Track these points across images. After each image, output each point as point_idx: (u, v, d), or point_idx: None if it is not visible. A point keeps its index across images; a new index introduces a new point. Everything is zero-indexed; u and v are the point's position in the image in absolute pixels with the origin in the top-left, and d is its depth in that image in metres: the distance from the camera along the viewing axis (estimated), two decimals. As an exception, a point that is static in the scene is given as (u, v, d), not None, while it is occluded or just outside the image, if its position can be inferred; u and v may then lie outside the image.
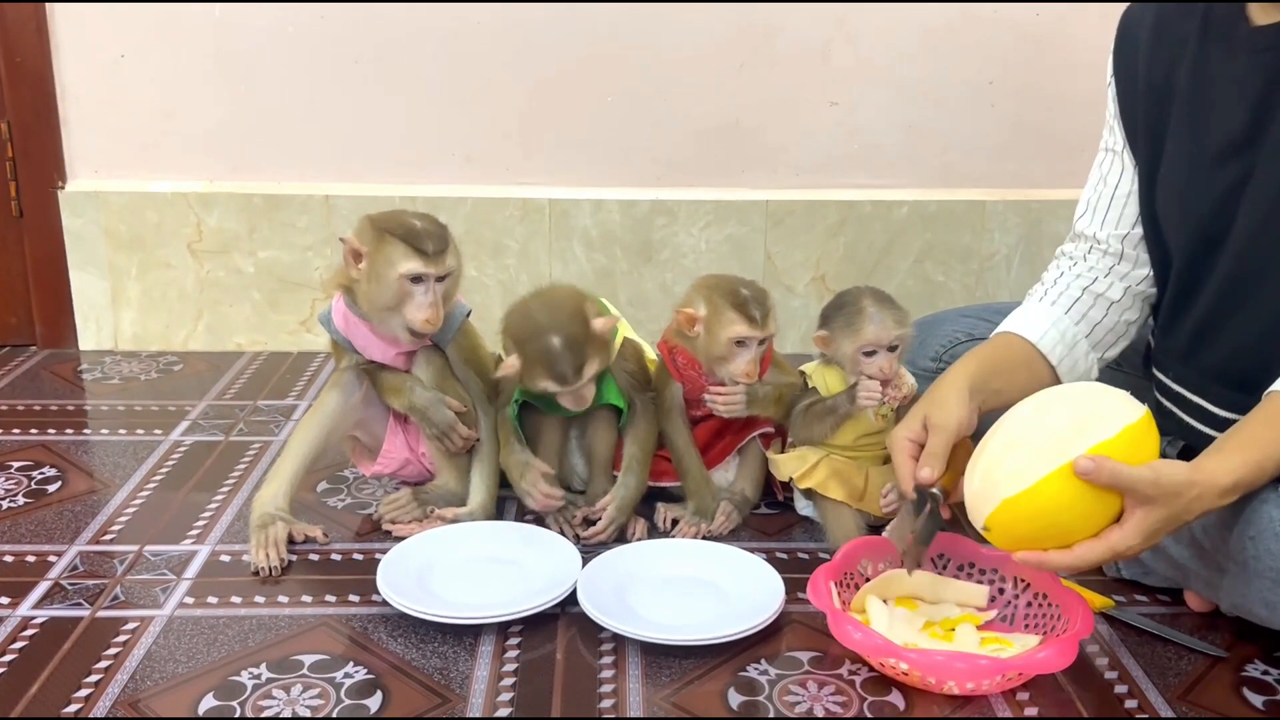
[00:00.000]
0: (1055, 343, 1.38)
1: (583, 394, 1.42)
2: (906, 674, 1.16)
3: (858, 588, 1.30)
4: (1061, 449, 1.09)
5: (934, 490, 1.22)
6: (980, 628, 1.26)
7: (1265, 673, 1.22)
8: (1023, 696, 1.17)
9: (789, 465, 1.47)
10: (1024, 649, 1.19)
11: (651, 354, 1.60)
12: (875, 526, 1.45)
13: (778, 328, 1.47)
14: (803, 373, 1.49)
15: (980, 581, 1.31)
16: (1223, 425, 1.21)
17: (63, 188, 2.11)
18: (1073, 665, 1.17)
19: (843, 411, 1.41)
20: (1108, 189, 1.44)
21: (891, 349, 1.39)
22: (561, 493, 1.49)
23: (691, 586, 1.35)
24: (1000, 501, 1.11)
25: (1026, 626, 1.26)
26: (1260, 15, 1.22)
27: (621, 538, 1.48)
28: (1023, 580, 1.29)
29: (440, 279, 1.41)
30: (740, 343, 1.43)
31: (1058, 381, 1.39)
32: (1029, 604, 1.27)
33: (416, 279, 1.39)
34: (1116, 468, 1.08)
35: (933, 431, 1.24)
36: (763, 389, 1.47)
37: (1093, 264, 1.44)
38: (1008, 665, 1.13)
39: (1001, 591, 1.30)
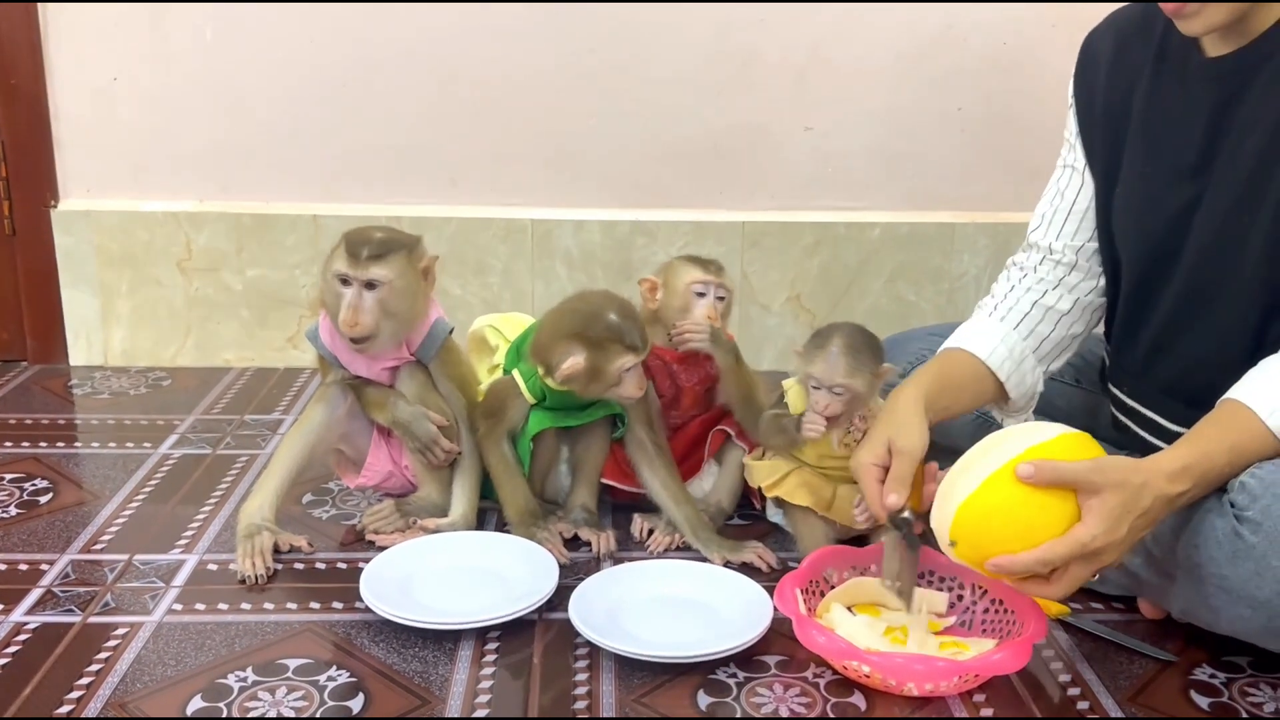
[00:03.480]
0: (1004, 359, 1.42)
1: (642, 373, 1.47)
2: (868, 676, 1.20)
3: (823, 594, 1.35)
4: (1004, 452, 1.14)
5: (905, 514, 1.26)
6: (940, 633, 1.31)
7: (1213, 676, 1.27)
8: (979, 698, 1.21)
9: (761, 473, 1.52)
10: (980, 652, 1.24)
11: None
12: (845, 539, 1.50)
13: (734, 290, 1.60)
14: (782, 386, 1.54)
15: (940, 589, 1.36)
16: (1176, 439, 1.26)
17: (55, 207, 2.15)
18: (1029, 669, 1.22)
19: (790, 436, 1.45)
20: (1064, 203, 1.49)
21: (837, 392, 1.41)
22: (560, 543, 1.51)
23: (678, 607, 1.37)
24: (956, 508, 1.15)
25: (984, 631, 1.31)
26: (1211, 47, 1.29)
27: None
28: (980, 587, 1.33)
29: (368, 286, 1.43)
30: (700, 293, 1.54)
31: (1005, 395, 1.44)
32: (986, 610, 1.32)
33: (344, 281, 1.44)
34: (1056, 465, 1.11)
35: (897, 456, 1.27)
36: (724, 336, 1.55)
37: (1043, 275, 1.49)
38: (964, 667, 1.18)
39: (960, 599, 1.35)
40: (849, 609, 1.32)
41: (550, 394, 1.51)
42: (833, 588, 1.35)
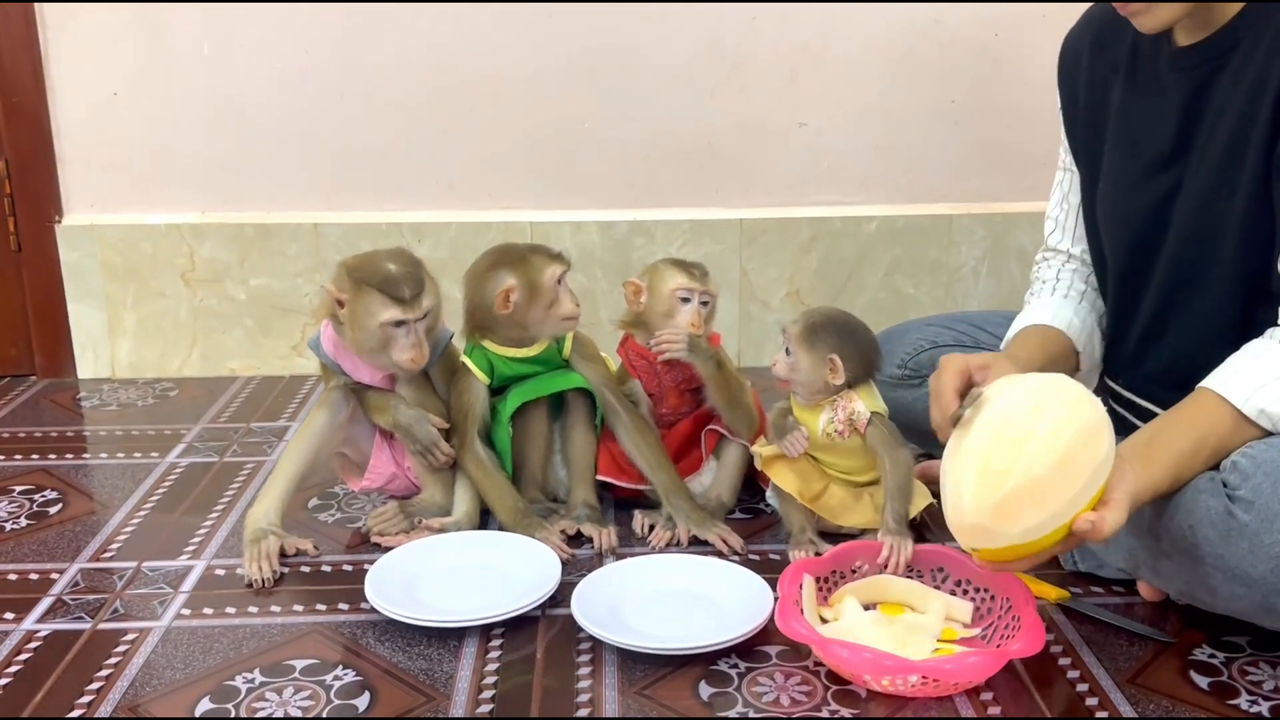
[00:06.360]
0: (1079, 331, 1.47)
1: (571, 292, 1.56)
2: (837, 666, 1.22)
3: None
4: (1074, 504, 1.11)
5: None
6: (955, 641, 1.28)
7: (1212, 656, 1.28)
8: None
9: (767, 450, 1.53)
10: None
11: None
12: (826, 533, 1.51)
13: (718, 293, 1.63)
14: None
15: (972, 599, 1.34)
16: None
17: (60, 222, 2.18)
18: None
19: (781, 432, 1.49)
20: (1070, 206, 1.52)
21: (786, 351, 1.47)
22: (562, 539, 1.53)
23: (679, 600, 1.38)
24: (1005, 546, 1.14)
25: (999, 644, 1.27)
26: (1183, 36, 1.30)
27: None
28: (1007, 601, 1.30)
29: (420, 319, 1.48)
30: (684, 299, 1.57)
31: (1076, 366, 1.46)
32: (1008, 625, 1.28)
33: (398, 324, 1.46)
34: (1101, 518, 1.11)
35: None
36: (705, 344, 1.57)
37: (1075, 268, 1.54)
38: (915, 667, 1.18)
39: (990, 610, 1.32)
40: (874, 606, 1.32)
41: (499, 362, 1.55)
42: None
